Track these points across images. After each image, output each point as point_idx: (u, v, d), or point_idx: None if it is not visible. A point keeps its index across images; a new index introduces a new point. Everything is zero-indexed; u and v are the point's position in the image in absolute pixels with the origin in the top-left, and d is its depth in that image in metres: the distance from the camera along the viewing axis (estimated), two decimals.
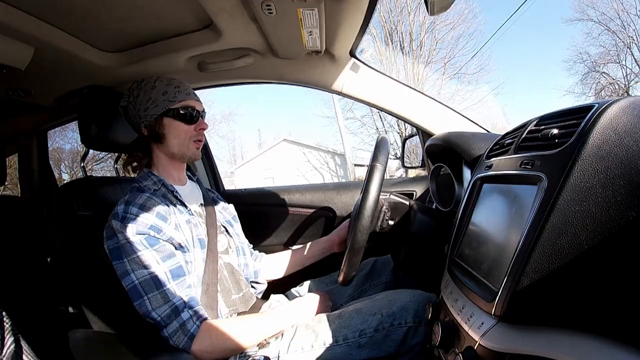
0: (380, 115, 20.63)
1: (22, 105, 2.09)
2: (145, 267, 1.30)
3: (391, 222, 1.49)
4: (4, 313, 0.78)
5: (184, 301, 1.31)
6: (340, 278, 1.34)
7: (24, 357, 0.78)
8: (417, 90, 1.96)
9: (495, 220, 1.01)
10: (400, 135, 19.55)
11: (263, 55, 1.88)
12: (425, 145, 1.83)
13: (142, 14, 1.51)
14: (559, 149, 0.77)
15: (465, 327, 0.89)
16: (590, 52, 21.29)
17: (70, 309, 2.10)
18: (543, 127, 0.91)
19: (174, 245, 1.39)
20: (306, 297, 1.56)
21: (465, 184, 1.43)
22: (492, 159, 1.12)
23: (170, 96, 1.51)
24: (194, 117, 1.54)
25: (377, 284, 1.73)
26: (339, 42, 1.72)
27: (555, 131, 0.82)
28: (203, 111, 1.60)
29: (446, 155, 1.60)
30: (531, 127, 0.98)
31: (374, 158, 1.28)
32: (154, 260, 1.31)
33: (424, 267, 1.56)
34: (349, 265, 1.29)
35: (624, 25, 19.77)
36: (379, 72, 1.95)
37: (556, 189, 0.72)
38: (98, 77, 1.86)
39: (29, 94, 1.97)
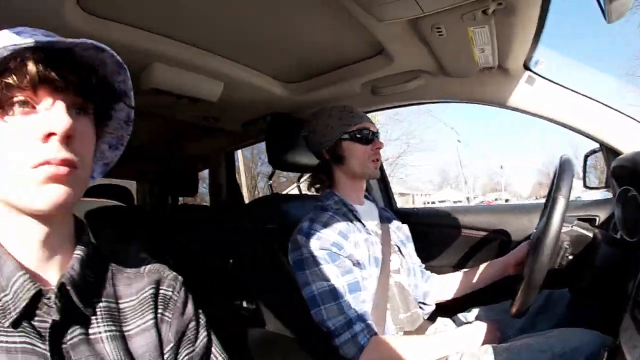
0: None
1: (212, 128, 2.38)
2: (325, 279, 1.41)
3: (570, 257, 1.36)
4: (200, 311, 0.91)
5: (358, 314, 1.38)
6: (513, 310, 1.27)
7: (212, 349, 0.90)
8: (602, 103, 1.75)
9: None
10: None
11: (434, 76, 1.88)
12: (612, 166, 1.64)
13: (317, 47, 1.65)
14: None
15: None
16: None
17: (245, 304, 2.31)
18: None
19: (353, 262, 1.48)
20: (475, 325, 1.50)
21: None
22: None
23: (346, 121, 1.64)
24: (369, 138, 1.64)
25: (550, 319, 1.57)
26: (511, 56, 1.64)
27: None
28: (377, 132, 1.69)
29: (635, 177, 1.42)
30: None
31: (557, 187, 1.18)
32: (334, 274, 1.42)
33: (604, 304, 1.40)
34: (523, 299, 1.21)
35: None
36: (557, 84, 1.79)
37: None
38: (278, 105, 2.06)
39: (218, 120, 2.27)
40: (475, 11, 1.29)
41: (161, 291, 0.85)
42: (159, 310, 0.83)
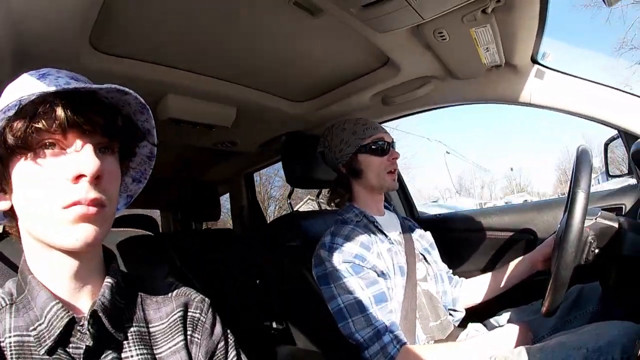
0: None
1: (230, 152, 2.42)
2: (351, 292, 1.41)
3: (597, 251, 1.33)
4: (228, 331, 0.92)
5: (386, 325, 1.37)
6: (544, 310, 1.24)
7: None
8: (614, 88, 1.73)
9: None
10: None
11: (443, 80, 1.88)
12: (632, 149, 1.62)
13: (324, 64, 1.68)
14: None
15: None
16: None
17: (274, 324, 2.31)
18: None
19: (377, 272, 1.47)
20: (506, 328, 1.47)
21: None
22: None
23: (360, 134, 1.64)
24: (384, 149, 1.65)
25: (583, 315, 1.53)
26: (518, 52, 1.64)
27: None
28: (393, 142, 1.69)
29: None
30: None
31: (576, 182, 1.16)
32: (359, 286, 1.42)
33: (637, 294, 1.37)
34: (552, 298, 1.19)
35: None
36: (567, 74, 1.77)
37: None
38: (292, 124, 2.10)
39: (234, 144, 2.30)
40: (474, 12, 1.30)
41: (189, 313, 0.87)
42: (188, 332, 0.85)
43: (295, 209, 3.03)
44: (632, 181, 1.95)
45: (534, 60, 1.75)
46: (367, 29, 1.36)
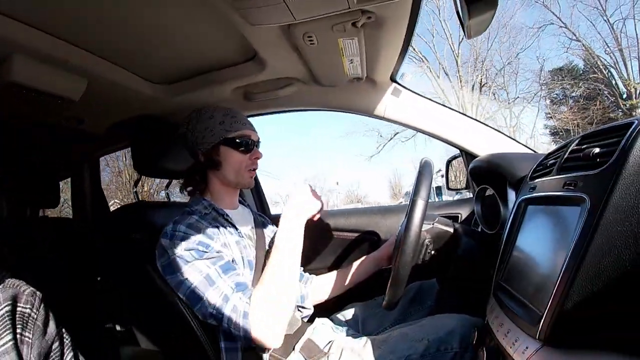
0: None
1: (75, 132, 2.20)
2: (197, 272, 1.34)
3: (433, 253, 1.48)
4: (63, 330, 0.82)
5: (232, 287, 1.33)
6: (384, 304, 1.34)
7: None
8: (459, 112, 1.94)
9: (540, 242, 0.99)
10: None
11: (306, 84, 1.92)
12: (470, 167, 1.81)
13: (189, 47, 1.58)
14: (600, 169, 0.76)
15: (510, 352, 0.87)
16: None
17: (118, 327, 2.17)
18: (585, 146, 0.89)
19: (223, 258, 1.41)
20: (292, 196, 1.52)
21: (510, 206, 1.40)
22: (535, 180, 1.11)
23: (227, 126, 1.58)
24: (249, 146, 1.60)
25: (422, 308, 1.70)
26: (379, 69, 1.75)
27: (597, 150, 0.80)
28: (258, 141, 1.66)
29: (490, 176, 1.58)
30: (573, 146, 0.96)
31: (416, 191, 1.26)
32: (205, 265, 1.35)
33: (469, 291, 1.53)
34: (392, 294, 1.29)
35: None
36: (421, 95, 1.95)
37: (599, 210, 0.70)
38: (148, 107, 1.95)
39: (82, 123, 2.08)
40: (345, 23, 1.34)
41: (19, 309, 0.76)
42: (18, 330, 0.74)
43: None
44: (469, 195, 2.17)
45: (393, 79, 1.89)
46: (238, 19, 1.32)
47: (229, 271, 1.36)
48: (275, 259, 1.39)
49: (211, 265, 1.36)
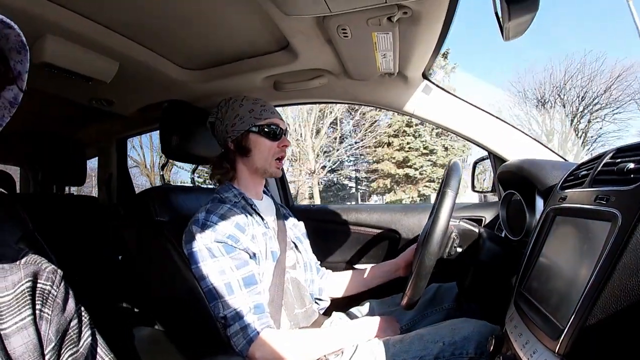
0: None
1: (104, 113, 2.23)
2: (221, 273, 1.39)
3: (459, 249, 1.44)
4: (82, 308, 0.83)
5: (250, 307, 1.37)
6: (404, 302, 1.32)
7: (98, 349, 0.82)
8: (490, 114, 1.90)
9: (567, 254, 0.96)
10: None
11: (337, 76, 1.92)
12: (498, 171, 1.78)
13: (221, 34, 1.59)
14: (634, 185, 0.73)
15: None
16: None
17: (135, 310, 2.20)
18: (619, 160, 0.86)
19: (249, 254, 1.46)
20: (370, 319, 1.54)
21: (537, 214, 1.37)
22: (566, 190, 1.08)
23: (257, 114, 1.61)
24: (277, 134, 1.63)
25: (439, 310, 1.69)
26: (412, 65, 1.73)
27: (632, 165, 0.78)
28: (286, 129, 1.68)
29: (519, 182, 1.55)
30: (607, 159, 0.93)
31: (446, 183, 1.25)
32: (229, 267, 1.39)
33: (489, 297, 1.51)
34: (414, 289, 1.26)
35: None
36: (452, 94, 1.92)
37: (630, 228, 0.68)
38: (177, 92, 1.97)
39: (111, 104, 2.12)
40: (381, 17, 1.33)
41: (39, 285, 0.76)
42: (37, 306, 0.74)
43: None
44: (494, 198, 2.13)
45: (425, 76, 1.86)
46: (273, 8, 1.33)
47: (250, 285, 1.41)
48: (325, 334, 1.47)
49: (235, 269, 1.40)
